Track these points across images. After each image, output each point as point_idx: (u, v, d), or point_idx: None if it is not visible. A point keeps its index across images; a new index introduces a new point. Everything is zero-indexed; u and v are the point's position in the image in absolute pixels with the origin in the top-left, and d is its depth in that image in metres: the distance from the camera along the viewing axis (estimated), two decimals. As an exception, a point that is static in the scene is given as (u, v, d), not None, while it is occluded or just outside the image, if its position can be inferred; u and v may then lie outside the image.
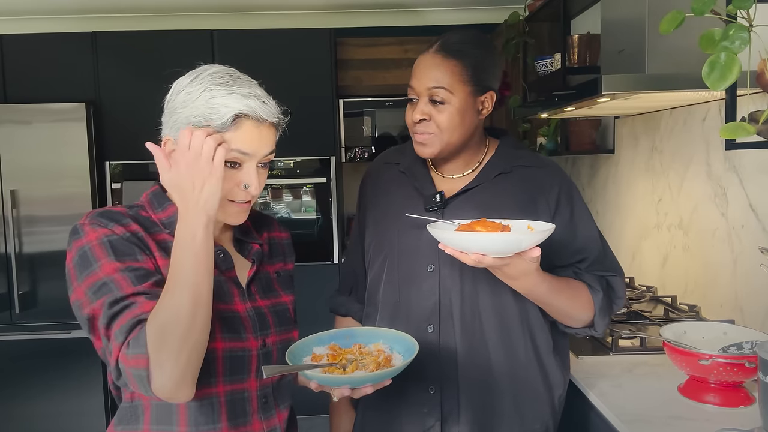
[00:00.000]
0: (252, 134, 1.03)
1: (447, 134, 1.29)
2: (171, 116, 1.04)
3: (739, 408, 1.35)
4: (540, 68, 2.58)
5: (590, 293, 1.28)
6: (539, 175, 1.35)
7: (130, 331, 0.93)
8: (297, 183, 3.54)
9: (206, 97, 1.01)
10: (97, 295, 0.97)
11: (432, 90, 1.27)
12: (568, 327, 1.33)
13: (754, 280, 1.74)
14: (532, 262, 1.13)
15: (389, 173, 1.45)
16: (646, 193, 2.39)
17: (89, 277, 0.98)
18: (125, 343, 0.93)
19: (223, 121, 1.00)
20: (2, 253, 3.24)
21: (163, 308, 0.92)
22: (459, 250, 1.10)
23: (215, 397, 1.06)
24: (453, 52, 1.28)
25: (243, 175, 1.04)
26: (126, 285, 0.96)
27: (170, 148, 1.04)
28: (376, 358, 1.11)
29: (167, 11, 3.72)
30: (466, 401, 1.31)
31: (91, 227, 1.01)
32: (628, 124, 2.54)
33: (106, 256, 0.98)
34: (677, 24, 1.10)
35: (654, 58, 1.62)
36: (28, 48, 3.38)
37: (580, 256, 1.33)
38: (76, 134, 3.23)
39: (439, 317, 1.31)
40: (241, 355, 1.07)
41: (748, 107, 1.34)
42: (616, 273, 1.35)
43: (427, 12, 3.85)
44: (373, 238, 1.42)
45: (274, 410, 1.14)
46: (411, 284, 1.34)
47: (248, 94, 1.03)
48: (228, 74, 1.06)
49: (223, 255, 1.12)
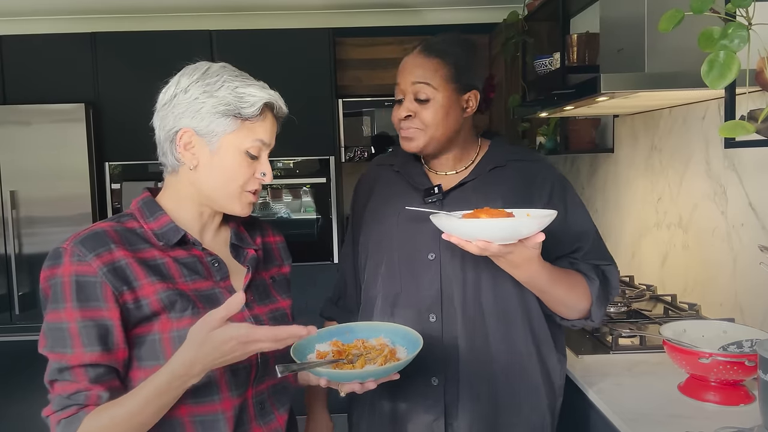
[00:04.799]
0: (272, 124, 1.10)
1: (431, 129, 1.33)
2: (188, 109, 1.04)
3: (739, 406, 1.35)
4: (539, 67, 2.58)
5: (587, 282, 1.30)
6: (533, 168, 1.39)
7: (65, 408, 0.96)
8: (296, 183, 3.54)
9: (230, 87, 1.04)
10: (50, 338, 0.98)
11: (416, 86, 1.32)
12: (565, 319, 1.35)
13: (753, 279, 1.74)
14: (534, 248, 1.15)
15: (384, 175, 1.48)
16: (646, 192, 2.39)
17: (52, 313, 0.99)
18: (57, 420, 0.96)
19: (254, 109, 1.04)
20: (2, 254, 3.24)
21: (107, 422, 0.95)
22: (463, 239, 1.12)
23: (221, 413, 1.04)
24: (435, 51, 1.34)
25: (259, 165, 1.09)
26: (77, 345, 0.97)
27: (187, 140, 1.05)
28: (381, 351, 1.11)
29: (166, 11, 3.72)
30: (468, 392, 1.33)
31: (70, 259, 0.99)
32: (627, 123, 2.54)
33: (71, 299, 0.98)
34: (676, 23, 1.10)
35: (653, 56, 1.62)
36: (27, 49, 3.37)
37: (575, 245, 1.35)
38: (75, 135, 3.23)
39: (441, 306, 1.33)
40: (243, 367, 1.06)
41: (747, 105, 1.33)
42: (610, 263, 1.37)
43: (427, 12, 3.85)
44: (370, 234, 1.43)
45: (273, 414, 1.13)
46: (412, 274, 1.35)
47: (263, 86, 1.08)
48: (236, 69, 1.10)
49: (218, 264, 1.11)
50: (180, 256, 1.08)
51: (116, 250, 1.01)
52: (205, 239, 1.13)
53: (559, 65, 2.39)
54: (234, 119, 1.04)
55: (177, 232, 1.08)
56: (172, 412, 1.01)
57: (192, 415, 1.02)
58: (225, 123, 1.04)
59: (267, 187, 3.53)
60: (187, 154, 1.06)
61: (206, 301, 1.05)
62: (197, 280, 1.07)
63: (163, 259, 1.05)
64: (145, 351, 1.01)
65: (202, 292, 1.06)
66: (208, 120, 1.04)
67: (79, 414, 0.96)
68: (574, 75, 2.28)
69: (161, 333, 1.01)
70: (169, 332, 1.00)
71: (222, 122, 1.04)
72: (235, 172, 1.07)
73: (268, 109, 1.08)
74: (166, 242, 1.07)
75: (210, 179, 1.07)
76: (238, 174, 1.07)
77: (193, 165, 1.07)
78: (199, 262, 1.09)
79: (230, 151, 1.06)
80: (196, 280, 1.07)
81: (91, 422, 0.95)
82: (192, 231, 1.11)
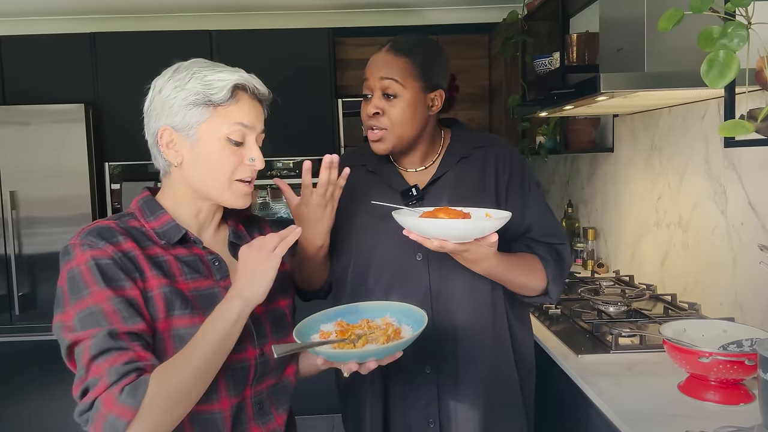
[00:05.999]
0: (249, 106, 1.08)
1: (399, 128, 1.37)
2: (163, 108, 1.05)
3: (739, 405, 1.35)
4: (539, 67, 2.58)
5: (542, 265, 1.38)
6: (496, 153, 1.45)
7: (124, 375, 0.91)
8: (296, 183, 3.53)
9: (198, 77, 1.05)
10: (83, 323, 0.94)
11: (384, 82, 1.35)
12: (525, 296, 1.42)
13: (753, 278, 1.74)
14: (490, 247, 1.21)
15: (356, 175, 1.46)
16: (646, 192, 2.39)
17: (79, 303, 0.96)
18: (119, 388, 0.90)
19: (223, 93, 1.04)
20: (2, 255, 3.24)
21: (176, 377, 0.94)
22: (422, 236, 1.17)
23: (218, 413, 1.04)
24: (403, 50, 1.37)
25: (246, 150, 1.08)
26: (117, 319, 0.94)
27: (168, 138, 1.06)
28: (385, 331, 1.10)
29: (165, 12, 3.72)
30: (460, 377, 1.39)
31: (81, 249, 0.98)
32: (627, 122, 2.54)
33: (96, 282, 0.96)
34: (676, 22, 1.10)
35: (653, 56, 1.62)
36: (26, 49, 3.38)
37: (528, 222, 1.43)
38: (75, 135, 3.24)
39: (431, 302, 1.37)
40: (241, 367, 1.06)
41: (746, 105, 1.33)
42: (563, 241, 1.45)
43: (426, 11, 3.85)
44: (353, 238, 1.43)
45: (271, 414, 1.13)
46: (401, 274, 1.38)
47: (236, 70, 1.08)
48: (208, 61, 1.10)
49: (219, 263, 1.11)
50: (181, 254, 1.08)
51: (124, 243, 1.02)
52: (205, 238, 1.14)
53: (558, 65, 2.39)
54: (205, 107, 1.04)
55: (178, 230, 1.08)
56: None
57: (190, 413, 1.02)
58: (197, 113, 1.04)
59: (267, 187, 3.53)
60: (171, 152, 1.07)
61: (204, 300, 1.05)
62: (198, 278, 1.07)
63: (165, 256, 1.06)
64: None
65: (201, 292, 1.06)
66: (181, 114, 1.04)
67: (143, 378, 0.91)
68: (573, 74, 2.28)
69: (162, 332, 1.00)
70: (169, 331, 1.00)
71: (194, 112, 1.04)
72: (218, 161, 1.06)
73: (242, 90, 1.06)
74: (168, 240, 1.07)
75: (196, 173, 1.07)
76: (222, 163, 1.06)
77: (178, 162, 1.07)
78: (200, 261, 1.10)
79: (209, 140, 1.05)
80: (196, 279, 1.07)
81: (157, 384, 0.91)
82: (191, 230, 1.11)
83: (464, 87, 3.66)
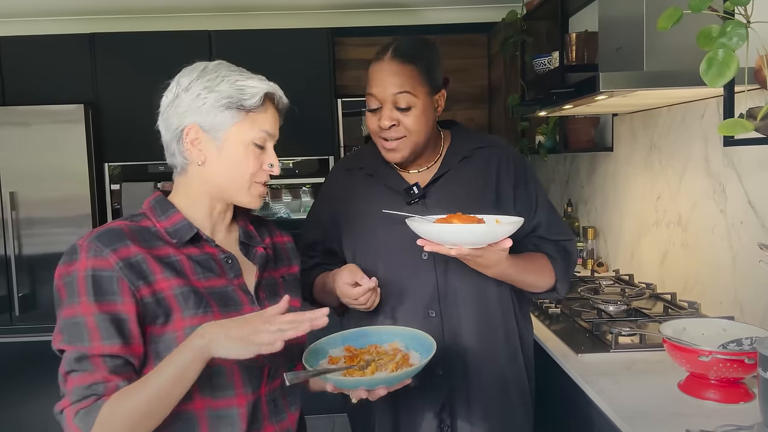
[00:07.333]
0: (275, 115, 1.12)
1: (415, 136, 1.36)
2: (191, 106, 1.06)
3: (739, 404, 1.35)
4: (538, 66, 2.58)
5: (551, 263, 1.41)
6: (498, 154, 1.46)
7: (83, 398, 0.95)
8: (296, 183, 3.54)
9: (229, 81, 1.07)
10: (67, 333, 0.98)
11: (396, 96, 1.33)
12: (533, 293, 1.44)
13: (753, 277, 1.74)
14: (503, 252, 1.22)
15: (355, 179, 1.48)
16: (645, 191, 2.40)
17: (69, 308, 0.99)
18: (75, 410, 0.95)
19: (255, 100, 1.07)
20: (2, 256, 3.24)
21: (132, 405, 0.94)
22: (436, 243, 1.18)
23: (236, 408, 1.05)
24: (408, 57, 1.35)
25: (266, 156, 1.11)
26: (95, 337, 0.97)
27: (194, 137, 1.07)
28: (393, 357, 1.11)
29: (164, 12, 3.72)
30: (471, 379, 1.39)
31: (86, 254, 1.00)
32: (626, 121, 2.54)
33: (87, 293, 0.98)
34: (675, 21, 1.11)
35: (652, 55, 1.62)
36: (26, 50, 3.38)
37: (536, 221, 1.44)
38: (74, 136, 3.23)
39: (439, 301, 1.37)
40: (255, 365, 1.07)
41: (746, 103, 1.33)
42: (569, 237, 1.48)
43: (425, 11, 3.85)
44: (357, 241, 1.43)
45: (285, 413, 1.14)
46: (409, 275, 1.38)
47: (262, 78, 1.10)
48: (232, 65, 1.12)
49: (232, 262, 1.12)
50: (193, 253, 1.08)
51: (132, 247, 1.02)
52: (217, 237, 1.14)
53: (558, 64, 2.39)
54: (237, 111, 1.06)
55: (190, 229, 1.09)
56: (186, 406, 1.01)
57: (208, 409, 1.03)
58: (229, 116, 1.06)
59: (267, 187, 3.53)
60: (195, 150, 1.08)
61: (218, 298, 1.06)
62: (211, 277, 1.08)
63: (177, 256, 1.06)
64: (162, 347, 1.01)
65: (215, 290, 1.07)
66: (212, 114, 1.06)
67: (97, 403, 0.95)
68: (573, 74, 2.28)
69: (176, 331, 1.01)
70: (183, 330, 1.01)
71: (226, 115, 1.06)
72: (243, 163, 1.08)
73: (269, 99, 1.10)
74: (179, 240, 1.08)
75: (219, 172, 1.09)
76: (246, 165, 1.09)
77: (201, 161, 1.08)
78: (213, 260, 1.10)
79: (236, 143, 1.08)
80: (209, 278, 1.07)
81: (110, 409, 0.94)
82: (204, 229, 1.12)
83: (463, 87, 3.70)
